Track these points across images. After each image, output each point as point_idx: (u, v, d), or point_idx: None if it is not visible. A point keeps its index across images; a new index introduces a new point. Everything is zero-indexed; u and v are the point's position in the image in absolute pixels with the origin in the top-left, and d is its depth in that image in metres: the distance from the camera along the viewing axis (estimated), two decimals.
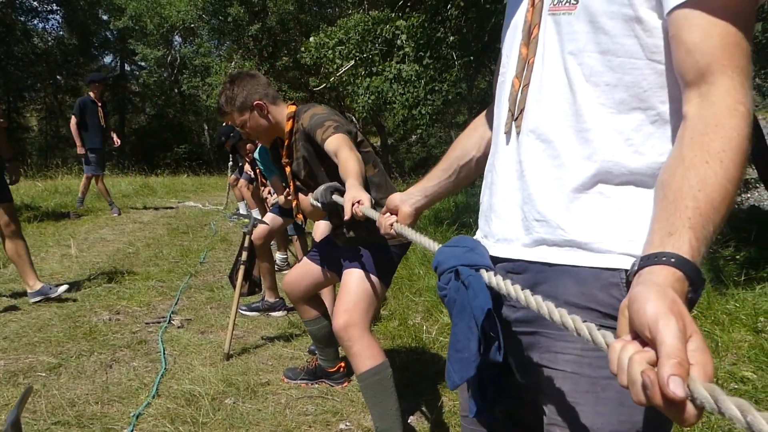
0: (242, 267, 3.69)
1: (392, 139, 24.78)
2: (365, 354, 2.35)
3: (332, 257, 2.73)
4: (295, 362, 3.42)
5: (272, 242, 5.53)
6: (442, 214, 7.82)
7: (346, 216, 1.79)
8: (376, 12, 11.62)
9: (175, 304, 4.51)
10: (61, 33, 26.78)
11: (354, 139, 2.36)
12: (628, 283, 0.76)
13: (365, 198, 1.79)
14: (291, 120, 2.54)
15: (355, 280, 2.42)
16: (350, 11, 17.27)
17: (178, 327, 4.00)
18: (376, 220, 1.53)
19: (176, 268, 5.73)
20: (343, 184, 2.02)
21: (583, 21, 0.94)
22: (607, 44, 0.93)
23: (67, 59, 25.66)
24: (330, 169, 2.37)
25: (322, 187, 2.15)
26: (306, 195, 2.50)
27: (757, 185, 9.39)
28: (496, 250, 1.09)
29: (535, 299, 0.85)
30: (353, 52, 10.02)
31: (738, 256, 5.61)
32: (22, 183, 10.96)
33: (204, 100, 22.69)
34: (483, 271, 1.00)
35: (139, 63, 27.43)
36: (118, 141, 8.85)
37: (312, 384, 3.12)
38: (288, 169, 2.62)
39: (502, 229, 1.08)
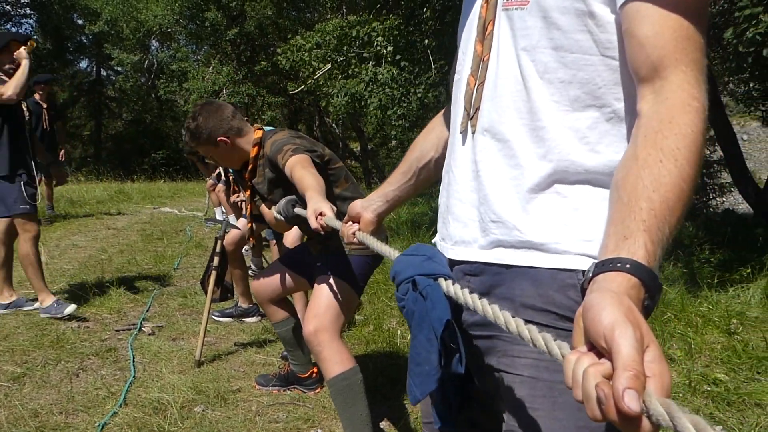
0: (214, 273, 3.63)
1: (372, 144, 24.78)
2: (335, 359, 2.34)
3: (305, 263, 2.74)
4: (268, 368, 3.36)
5: (247, 248, 5.47)
6: (421, 218, 7.81)
7: (312, 227, 1.78)
8: (354, 16, 11.61)
9: (147, 310, 4.42)
10: (35, 37, 26.38)
11: (320, 158, 2.41)
12: (583, 291, 0.73)
13: (327, 208, 1.78)
14: (257, 146, 2.58)
15: (326, 287, 2.43)
16: (329, 16, 17.24)
17: (149, 334, 3.92)
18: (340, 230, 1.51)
19: (149, 275, 5.63)
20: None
21: (535, 16, 0.92)
22: (560, 40, 0.91)
23: (41, 64, 25.14)
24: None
25: (282, 201, 2.18)
26: (270, 208, 2.52)
27: (731, 189, 9.51)
28: (454, 252, 1.06)
29: (492, 308, 0.82)
30: (330, 54, 9.99)
31: (712, 259, 5.67)
32: None
33: (181, 105, 22.49)
34: (441, 280, 0.97)
35: (116, 68, 27.05)
36: (63, 156, 8.43)
37: (284, 390, 3.07)
38: (248, 192, 2.66)
39: (460, 231, 1.05)
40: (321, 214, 1.77)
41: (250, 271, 5.67)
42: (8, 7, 24.08)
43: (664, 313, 3.96)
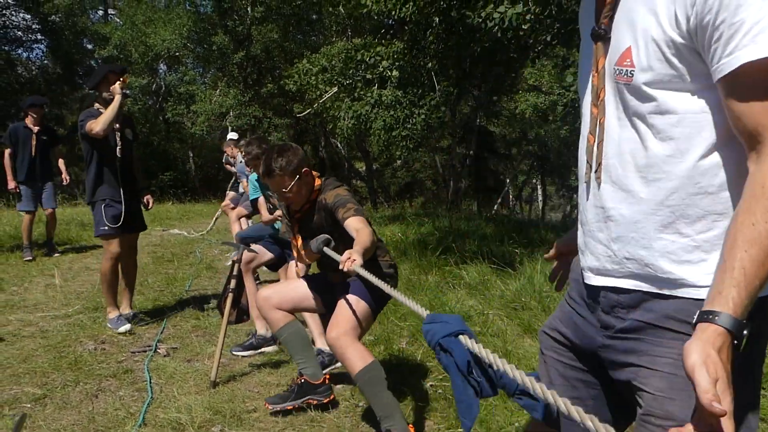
0: (230, 294, 3.72)
1: (377, 164, 24.93)
2: (357, 356, 2.70)
3: (324, 287, 3.08)
4: (281, 389, 3.43)
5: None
6: (427, 238, 7.89)
7: (340, 265, 2.32)
8: (360, 39, 11.81)
9: (161, 332, 4.51)
10: (45, 62, 26.76)
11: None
12: (693, 327, 0.97)
13: (359, 260, 2.30)
14: (316, 190, 3.03)
15: (346, 304, 2.81)
16: (334, 39, 17.49)
17: (165, 356, 4.00)
18: (367, 278, 2.10)
19: (161, 297, 5.73)
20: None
21: (641, 90, 1.11)
22: (665, 106, 1.09)
23: (51, 88, 25.54)
24: (341, 237, 2.82)
25: (320, 237, 2.74)
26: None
27: None
28: (596, 280, 1.27)
29: (510, 367, 1.18)
30: (336, 78, 10.15)
31: None
32: (5, 213, 10.89)
33: (189, 127, 22.71)
34: (461, 337, 1.37)
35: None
36: (67, 178, 7.88)
37: (298, 404, 3.06)
38: (297, 226, 3.06)
39: (596, 264, 1.27)
40: (354, 260, 2.27)
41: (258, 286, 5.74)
42: (19, 32, 24.44)
43: None
